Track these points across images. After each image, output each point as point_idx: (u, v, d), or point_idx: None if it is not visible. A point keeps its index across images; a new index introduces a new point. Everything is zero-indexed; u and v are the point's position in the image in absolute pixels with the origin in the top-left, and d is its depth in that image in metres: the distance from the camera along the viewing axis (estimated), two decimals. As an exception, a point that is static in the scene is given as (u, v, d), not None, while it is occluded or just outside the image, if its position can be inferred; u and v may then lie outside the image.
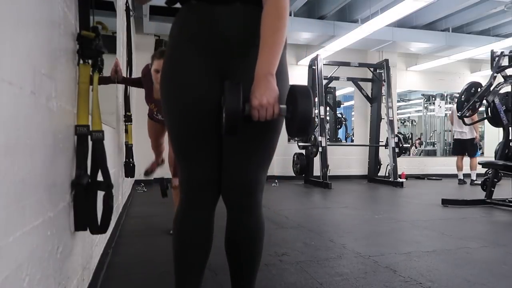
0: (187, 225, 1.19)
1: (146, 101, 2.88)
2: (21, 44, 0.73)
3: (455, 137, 6.97)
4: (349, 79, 6.97)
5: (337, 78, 6.87)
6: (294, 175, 6.98)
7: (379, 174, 7.05)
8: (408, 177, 7.37)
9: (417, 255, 2.29)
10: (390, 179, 6.43)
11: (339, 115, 9.60)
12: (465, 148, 6.73)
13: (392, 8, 5.16)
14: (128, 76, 3.53)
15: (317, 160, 6.40)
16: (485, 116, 4.72)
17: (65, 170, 1.07)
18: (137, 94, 4.72)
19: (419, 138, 11.72)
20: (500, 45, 6.57)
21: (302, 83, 7.06)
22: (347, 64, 6.72)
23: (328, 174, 6.10)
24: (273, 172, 6.91)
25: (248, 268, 1.22)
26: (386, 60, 6.80)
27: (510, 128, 4.44)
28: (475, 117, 5.35)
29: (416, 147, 11.23)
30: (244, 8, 1.06)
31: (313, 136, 6.43)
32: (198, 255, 1.20)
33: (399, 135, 7.09)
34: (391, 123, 6.62)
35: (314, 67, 6.55)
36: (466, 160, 6.77)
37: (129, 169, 3.28)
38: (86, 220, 1.16)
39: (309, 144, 6.52)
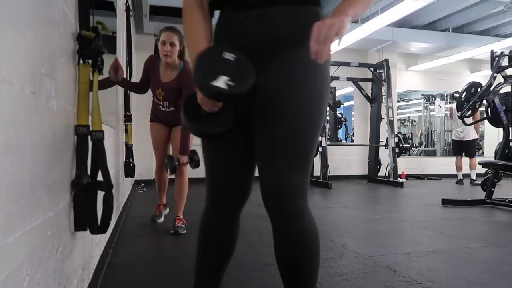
0: (207, 227, 1.18)
1: (152, 88, 2.83)
2: (21, 44, 0.73)
3: (452, 137, 7.02)
4: (349, 79, 6.97)
5: (337, 78, 6.86)
6: (294, 175, 6.96)
7: (379, 174, 7.05)
8: (408, 177, 7.37)
9: (417, 255, 2.29)
10: (390, 179, 6.42)
11: (339, 115, 9.59)
12: (462, 148, 6.77)
13: (392, 8, 5.16)
14: (128, 76, 3.53)
15: (317, 160, 6.39)
16: (485, 116, 4.73)
17: (65, 170, 1.07)
18: (137, 94, 4.71)
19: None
20: (500, 45, 6.57)
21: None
22: (347, 64, 6.71)
23: (328, 174, 6.10)
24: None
25: (297, 284, 1.09)
26: (386, 60, 6.79)
27: (510, 128, 4.44)
28: (477, 116, 5.34)
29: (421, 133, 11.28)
30: (281, 8, 1.03)
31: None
32: (217, 256, 1.19)
33: (399, 135, 7.09)
34: (391, 123, 6.62)
35: (314, 67, 6.53)
36: (466, 160, 6.79)
37: (129, 169, 3.28)
38: (86, 220, 1.16)
39: (309, 144, 6.51)
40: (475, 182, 6.43)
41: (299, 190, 1.01)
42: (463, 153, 6.78)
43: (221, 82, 0.87)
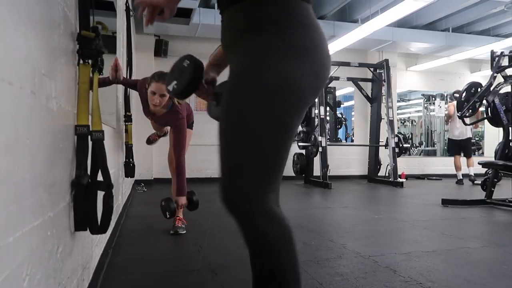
0: None
1: (144, 113, 2.85)
2: (21, 44, 0.73)
3: (449, 137, 7.03)
4: (349, 79, 6.97)
5: (337, 78, 6.86)
6: (294, 175, 6.97)
7: (379, 174, 7.05)
8: (408, 177, 7.37)
9: (417, 255, 2.29)
10: (390, 179, 6.42)
11: (339, 115, 9.59)
12: (460, 148, 6.85)
13: (392, 8, 5.16)
14: (128, 76, 3.53)
15: (317, 160, 6.39)
16: (485, 116, 4.73)
17: (65, 170, 1.07)
18: (137, 94, 4.71)
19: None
20: (500, 45, 6.57)
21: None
22: (347, 64, 6.72)
23: (328, 174, 6.10)
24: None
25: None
26: (386, 60, 6.79)
27: (510, 128, 4.44)
28: (479, 115, 5.38)
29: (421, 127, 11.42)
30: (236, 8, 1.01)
31: (313, 136, 6.43)
32: None
33: (399, 135, 7.09)
34: (391, 123, 6.62)
35: (314, 67, 6.53)
36: (462, 159, 6.87)
37: (129, 169, 3.28)
38: (86, 220, 1.16)
39: (309, 144, 6.52)
40: (476, 182, 6.44)
41: (241, 195, 0.93)
42: (461, 153, 6.85)
43: (171, 85, 1.12)
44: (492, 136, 8.48)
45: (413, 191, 5.81)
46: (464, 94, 4.65)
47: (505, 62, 4.58)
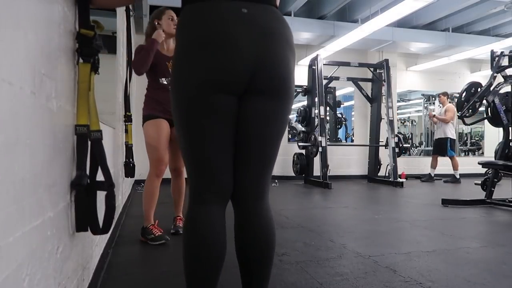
0: None
1: (161, 67, 2.57)
2: (21, 44, 0.73)
3: (453, 137, 7.06)
4: (349, 79, 6.97)
5: (337, 78, 6.87)
6: (294, 175, 6.97)
7: (379, 174, 7.05)
8: (408, 177, 7.37)
9: (417, 255, 2.29)
10: (390, 179, 6.43)
11: (339, 115, 9.59)
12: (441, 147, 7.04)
13: (392, 8, 5.16)
14: (128, 77, 3.51)
15: (317, 160, 6.39)
16: (485, 116, 4.73)
17: (65, 170, 1.07)
18: (137, 94, 4.72)
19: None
20: (500, 45, 6.57)
21: (302, 83, 7.08)
22: (347, 64, 6.72)
23: (328, 174, 6.10)
24: (273, 172, 6.87)
25: (263, 271, 1.24)
26: (386, 60, 6.79)
27: (510, 128, 4.44)
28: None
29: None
30: None
31: (313, 136, 6.43)
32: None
33: (399, 135, 7.09)
34: (391, 123, 6.62)
35: (314, 67, 6.55)
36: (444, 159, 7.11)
37: (129, 169, 3.27)
38: (87, 221, 1.16)
39: (309, 144, 6.52)
40: (476, 182, 6.47)
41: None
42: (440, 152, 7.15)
43: None
44: (492, 136, 8.48)
45: (413, 191, 5.81)
46: (464, 94, 4.65)
47: (505, 62, 4.58)
